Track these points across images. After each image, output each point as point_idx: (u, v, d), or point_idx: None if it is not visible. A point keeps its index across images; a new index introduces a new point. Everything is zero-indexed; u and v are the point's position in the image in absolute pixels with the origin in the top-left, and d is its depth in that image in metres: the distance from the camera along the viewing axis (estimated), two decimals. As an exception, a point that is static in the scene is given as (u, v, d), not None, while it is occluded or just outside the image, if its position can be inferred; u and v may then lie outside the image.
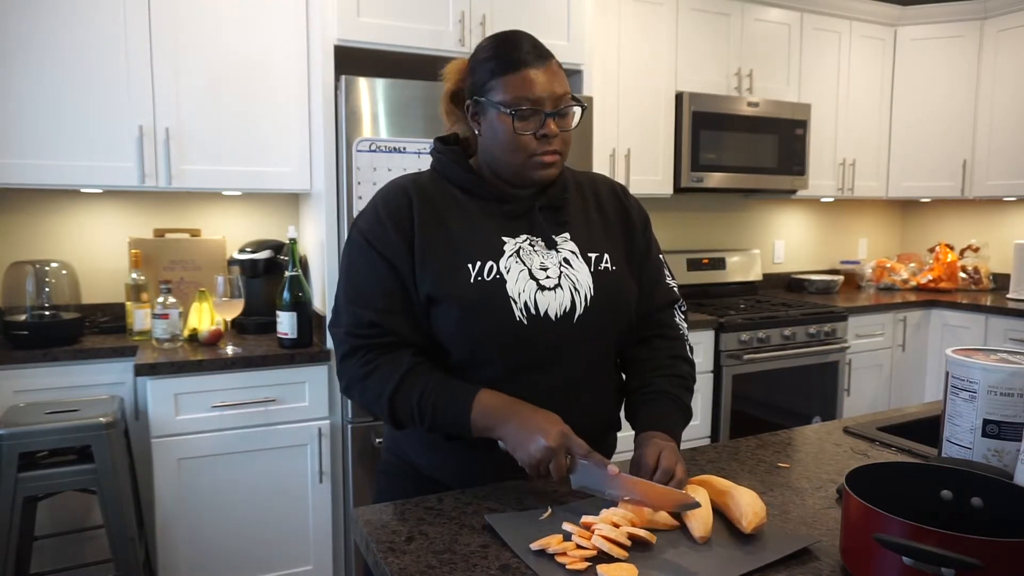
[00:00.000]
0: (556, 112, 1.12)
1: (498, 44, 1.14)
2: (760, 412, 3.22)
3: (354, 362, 1.13)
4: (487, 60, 1.13)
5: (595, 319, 1.17)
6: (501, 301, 1.12)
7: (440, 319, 1.13)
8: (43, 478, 1.89)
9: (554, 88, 1.12)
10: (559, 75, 1.14)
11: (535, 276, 1.14)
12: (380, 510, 1.07)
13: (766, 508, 0.99)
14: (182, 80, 2.38)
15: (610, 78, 3.10)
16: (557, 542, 0.91)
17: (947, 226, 4.38)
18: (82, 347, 2.26)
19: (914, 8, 3.89)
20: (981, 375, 1.11)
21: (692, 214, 3.84)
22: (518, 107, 1.10)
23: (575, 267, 1.18)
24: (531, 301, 1.13)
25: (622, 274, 1.23)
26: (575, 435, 1.04)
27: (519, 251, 1.16)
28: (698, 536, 0.94)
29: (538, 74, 1.11)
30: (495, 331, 1.12)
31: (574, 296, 1.16)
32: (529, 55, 1.12)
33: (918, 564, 0.76)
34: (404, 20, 2.42)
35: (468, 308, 1.11)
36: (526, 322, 1.12)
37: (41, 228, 2.58)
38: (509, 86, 1.11)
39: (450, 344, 1.14)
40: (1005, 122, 3.69)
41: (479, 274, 1.13)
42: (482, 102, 1.14)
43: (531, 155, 1.13)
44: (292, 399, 2.29)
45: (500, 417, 1.06)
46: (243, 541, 2.29)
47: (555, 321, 1.14)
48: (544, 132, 1.12)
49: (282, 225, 2.90)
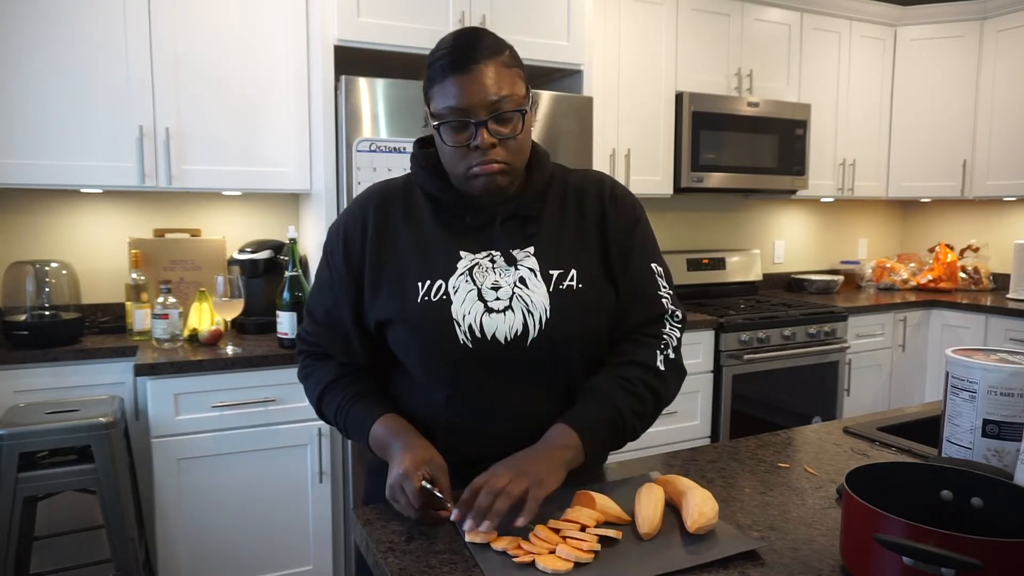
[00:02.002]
0: (489, 119, 1.03)
1: (438, 48, 1.07)
2: (760, 412, 3.22)
3: (300, 362, 1.25)
4: (429, 65, 1.07)
5: (549, 342, 1.09)
6: (444, 323, 1.08)
7: (392, 339, 1.15)
8: (43, 478, 1.89)
9: (488, 93, 1.02)
10: (498, 77, 1.03)
11: (484, 297, 1.09)
12: (380, 510, 1.07)
13: (717, 509, 0.98)
14: (182, 80, 2.38)
15: (610, 78, 3.10)
16: (508, 543, 0.92)
17: (947, 226, 4.38)
18: (82, 347, 2.26)
19: (914, 8, 3.89)
20: (981, 375, 1.11)
21: (692, 214, 3.84)
22: (444, 119, 1.04)
23: (531, 287, 1.10)
24: (476, 324, 1.08)
25: (588, 293, 1.13)
26: (443, 473, 1.01)
27: (472, 269, 1.11)
28: (642, 532, 0.95)
29: (469, 80, 1.02)
30: (439, 353, 1.09)
31: (526, 318, 1.09)
32: (462, 59, 1.02)
33: (918, 564, 0.76)
34: (404, 20, 2.42)
35: (413, 328, 1.10)
36: (471, 345, 1.08)
37: (41, 228, 2.58)
38: (441, 95, 1.04)
39: (405, 362, 1.15)
40: (1005, 122, 3.69)
41: (426, 293, 1.10)
42: (427, 112, 1.09)
43: (468, 167, 1.06)
44: (292, 399, 2.29)
45: (383, 446, 1.10)
46: (243, 541, 2.29)
47: (504, 344, 1.08)
48: (476, 143, 1.04)
49: (282, 225, 2.90)
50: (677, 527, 0.99)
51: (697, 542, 0.95)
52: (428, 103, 1.08)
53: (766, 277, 4.12)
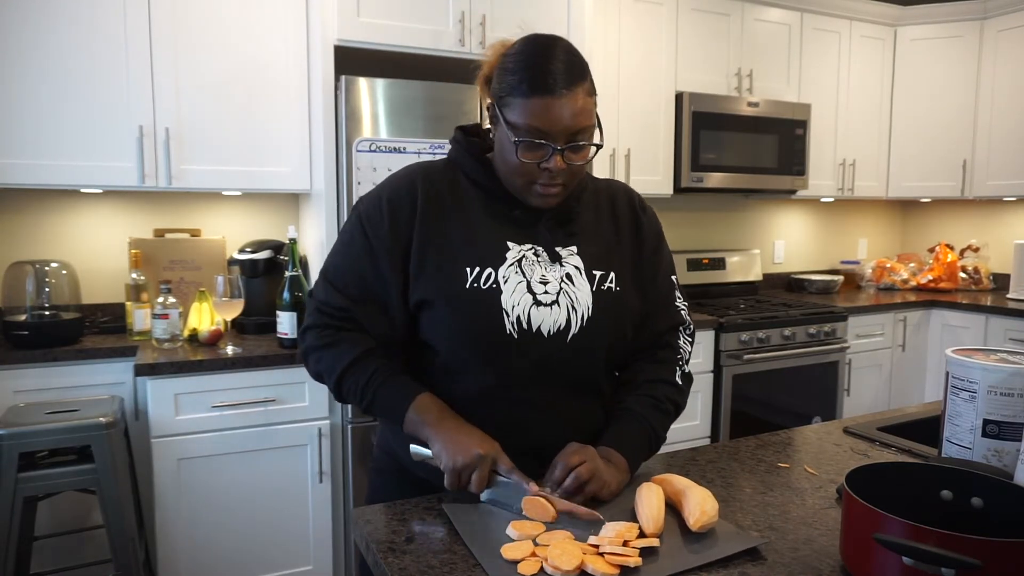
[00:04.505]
0: (567, 147, 1.05)
1: (528, 55, 1.04)
2: (760, 412, 3.22)
3: (314, 334, 1.15)
4: (512, 71, 1.05)
5: (588, 339, 1.13)
6: (494, 312, 1.09)
7: (432, 321, 1.12)
8: (43, 478, 1.89)
9: (573, 122, 1.03)
10: (584, 104, 1.04)
11: (533, 290, 1.11)
12: (380, 510, 1.07)
13: (717, 507, 0.98)
14: (182, 80, 2.38)
15: (610, 78, 3.10)
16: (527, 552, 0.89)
17: (947, 226, 4.38)
18: (82, 347, 2.26)
19: (914, 8, 3.89)
20: (981, 375, 1.11)
21: (692, 214, 3.84)
22: (527, 137, 1.04)
23: (576, 284, 1.14)
24: (524, 315, 1.10)
25: (625, 295, 1.18)
26: (504, 454, 1.05)
27: (521, 260, 1.12)
28: (648, 533, 0.95)
29: (558, 105, 1.02)
30: (484, 341, 1.10)
31: (571, 314, 1.12)
32: (556, 81, 1.02)
33: (918, 564, 0.76)
34: (404, 20, 2.42)
35: (460, 314, 1.10)
36: (516, 336, 1.10)
37: (41, 228, 2.58)
38: (524, 111, 1.03)
39: (439, 347, 1.14)
40: (1005, 122, 3.69)
41: (476, 280, 1.10)
42: (498, 113, 1.08)
43: (531, 183, 1.09)
44: (292, 399, 2.29)
45: (435, 420, 1.08)
46: (243, 541, 2.29)
47: (547, 338, 1.11)
48: (547, 166, 1.05)
49: (282, 225, 2.90)
50: (677, 526, 0.99)
51: (699, 540, 0.95)
52: (500, 108, 1.07)
53: (766, 277, 4.12)
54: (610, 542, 0.90)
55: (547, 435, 1.13)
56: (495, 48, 1.13)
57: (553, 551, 0.88)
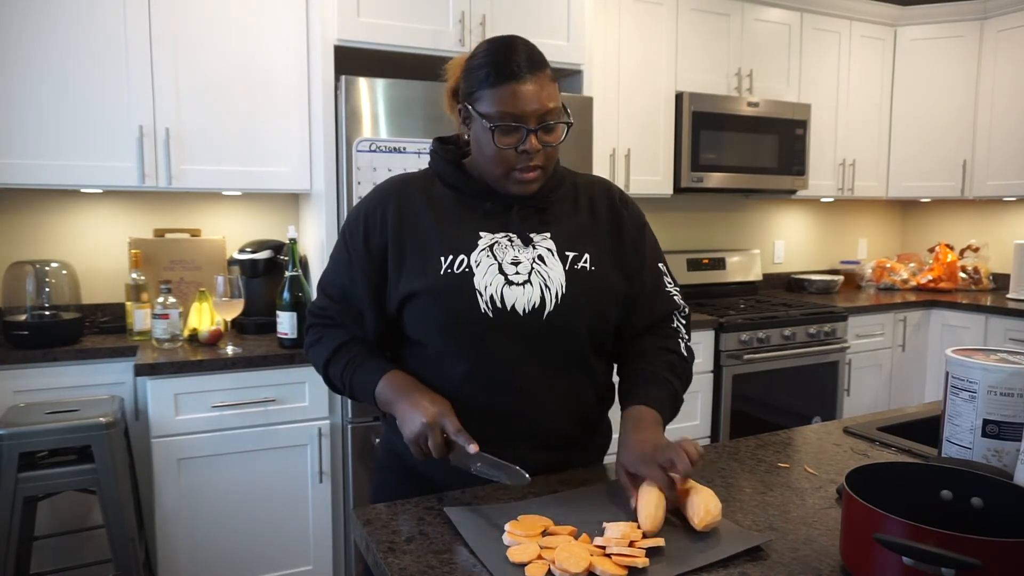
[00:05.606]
0: (540, 127, 1.12)
1: (491, 52, 1.13)
2: (760, 412, 3.22)
3: (308, 334, 1.29)
4: (478, 68, 1.13)
5: (565, 317, 1.17)
6: (467, 293, 1.14)
7: (414, 312, 1.18)
8: (43, 478, 1.89)
9: (541, 103, 1.11)
10: (548, 88, 1.12)
11: (504, 271, 1.16)
12: (380, 510, 1.07)
13: (720, 507, 0.98)
14: (182, 80, 2.38)
15: (610, 78, 3.10)
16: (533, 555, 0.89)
17: (947, 226, 4.38)
18: (82, 347, 2.26)
19: (914, 8, 3.89)
20: (981, 375, 1.11)
21: (692, 214, 3.84)
22: (500, 122, 1.10)
23: (548, 264, 1.18)
24: (497, 295, 1.15)
25: (602, 275, 1.22)
26: (452, 416, 1.09)
27: (493, 246, 1.18)
28: (645, 530, 0.95)
29: (525, 89, 1.10)
30: (461, 321, 1.15)
31: (544, 292, 1.16)
32: (520, 68, 1.10)
33: (918, 564, 0.76)
34: (404, 20, 2.42)
35: (436, 298, 1.16)
36: (492, 315, 1.14)
37: (41, 228, 2.58)
38: (495, 99, 1.10)
39: (425, 337, 1.19)
40: (1005, 122, 3.69)
41: (449, 267, 1.16)
42: (470, 109, 1.14)
43: (510, 169, 1.14)
44: (292, 399, 2.29)
45: (395, 395, 1.14)
46: (243, 541, 2.28)
47: (523, 316, 1.15)
48: (524, 148, 1.12)
49: (282, 225, 2.90)
50: (677, 525, 0.99)
51: (703, 540, 0.95)
52: (472, 104, 1.14)
53: (766, 277, 4.12)
54: (616, 543, 0.90)
55: (536, 418, 1.18)
56: (456, 61, 1.22)
57: (560, 553, 0.88)
